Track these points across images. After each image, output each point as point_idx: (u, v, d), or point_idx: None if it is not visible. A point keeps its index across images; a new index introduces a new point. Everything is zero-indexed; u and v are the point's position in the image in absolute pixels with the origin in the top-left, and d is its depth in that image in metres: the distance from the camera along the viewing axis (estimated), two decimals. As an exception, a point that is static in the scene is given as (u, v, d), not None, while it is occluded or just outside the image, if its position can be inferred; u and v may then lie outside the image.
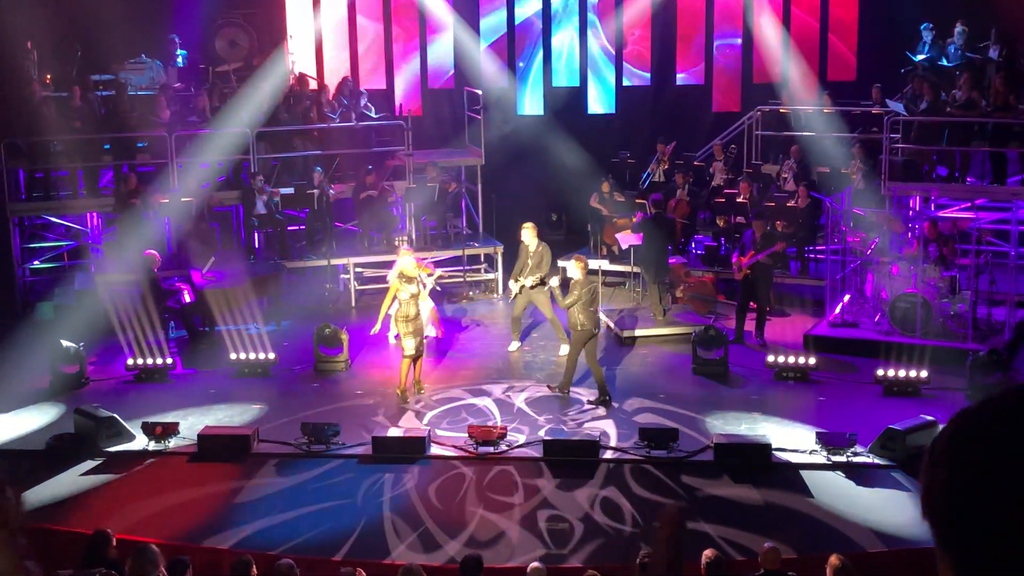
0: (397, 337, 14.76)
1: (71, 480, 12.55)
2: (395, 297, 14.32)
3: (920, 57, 19.22)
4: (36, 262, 18.90)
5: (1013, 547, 1.28)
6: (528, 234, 15.92)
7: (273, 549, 10.66)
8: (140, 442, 13.31)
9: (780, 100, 21.14)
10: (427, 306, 15.66)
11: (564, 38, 23.61)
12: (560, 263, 16.88)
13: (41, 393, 14.93)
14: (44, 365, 15.23)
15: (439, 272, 17.07)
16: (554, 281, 14.85)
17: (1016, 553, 1.28)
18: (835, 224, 17.06)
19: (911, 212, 17.82)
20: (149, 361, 15.43)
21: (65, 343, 15.26)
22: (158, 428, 13.28)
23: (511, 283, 16.15)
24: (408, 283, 14.33)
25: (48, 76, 19.48)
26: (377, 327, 14.66)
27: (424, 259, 16.88)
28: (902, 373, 14.45)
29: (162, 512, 11.82)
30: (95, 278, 17.68)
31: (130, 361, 15.47)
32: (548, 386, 14.79)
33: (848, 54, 23.12)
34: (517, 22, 23.42)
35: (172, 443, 13.27)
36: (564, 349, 15.59)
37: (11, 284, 17.86)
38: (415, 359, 14.51)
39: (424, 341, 14.76)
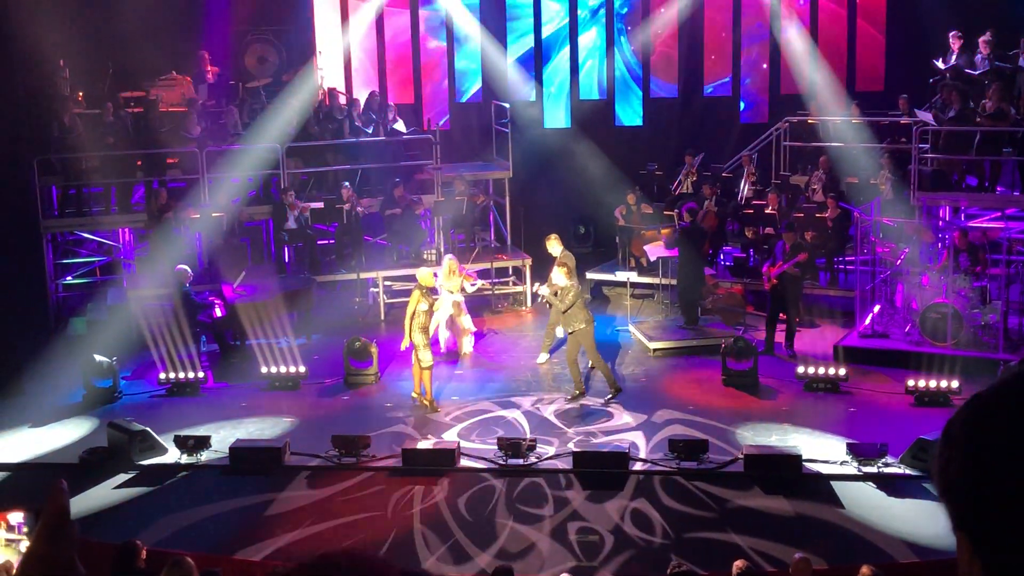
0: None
1: (104, 493, 12.65)
2: (414, 310, 14.45)
3: (947, 65, 19.13)
4: (69, 277, 19.07)
5: None
6: (553, 244, 16.12)
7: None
8: (173, 455, 13.42)
9: (808, 111, 21.10)
10: (443, 315, 15.87)
11: (591, 51, 23.64)
12: (590, 275, 17.00)
13: (74, 407, 15.07)
14: (77, 379, 15.36)
15: (481, 283, 17.33)
16: (543, 290, 15.01)
17: None
18: (864, 235, 17.01)
19: (941, 222, 17.74)
20: (181, 375, 15.55)
21: (98, 357, 15.39)
22: (190, 441, 13.37)
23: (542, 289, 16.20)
24: (426, 295, 14.47)
25: (80, 94, 19.69)
26: (406, 342, 14.72)
27: (465, 268, 17.08)
28: (933, 383, 14.37)
29: (194, 524, 11.91)
30: (127, 293, 17.83)
31: (162, 375, 15.59)
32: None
33: (876, 64, 23.06)
34: (544, 36, 23.47)
35: (204, 456, 13.36)
36: (591, 362, 15.62)
37: (44, 299, 18.02)
38: (431, 369, 14.63)
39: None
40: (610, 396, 14.84)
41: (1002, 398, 1.38)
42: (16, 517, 3.80)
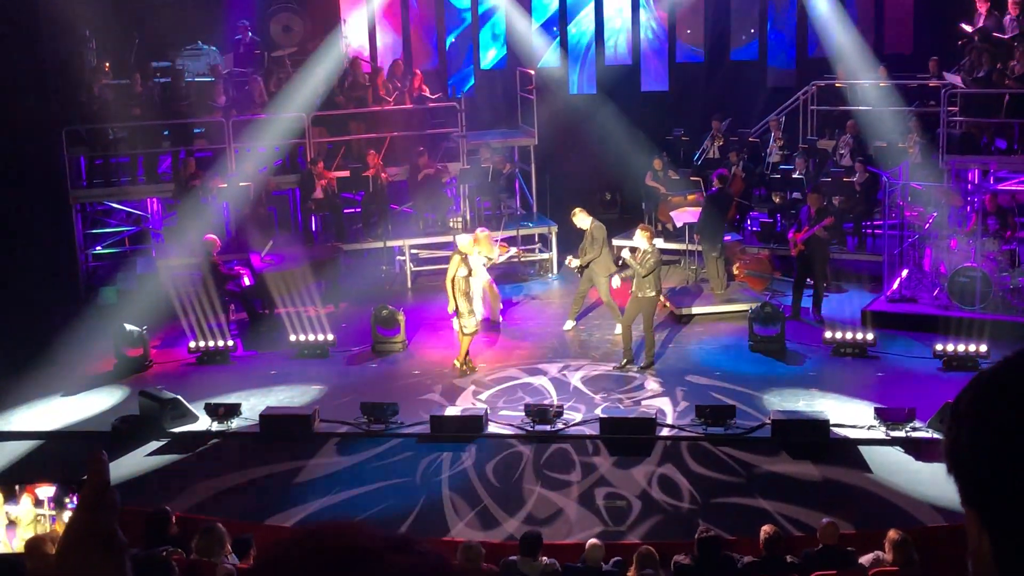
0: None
1: (136, 461, 12.80)
2: (454, 275, 14.49)
3: (975, 28, 18.93)
4: (98, 247, 19.19)
5: None
6: (580, 218, 15.93)
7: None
8: (203, 423, 13.55)
9: (836, 74, 20.93)
10: (480, 281, 15.75)
11: (616, 16, 23.50)
12: (616, 241, 17.02)
13: (106, 376, 15.21)
14: (108, 349, 15.50)
15: (514, 251, 17.31)
16: (626, 253, 14.90)
17: None
18: (892, 199, 16.92)
19: (969, 185, 17.62)
20: (211, 343, 15.66)
21: (128, 327, 15.52)
22: (221, 409, 13.50)
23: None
24: (465, 260, 14.50)
25: (107, 64, 19.75)
26: (452, 305, 14.61)
27: (498, 238, 16.96)
28: (961, 348, 14.33)
29: (225, 491, 12.05)
30: (156, 263, 17.95)
31: (192, 344, 15.70)
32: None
33: (904, 27, 22.84)
34: (569, 1, 23.35)
35: (235, 424, 13.49)
36: (618, 329, 15.63)
37: (74, 270, 18.15)
38: (474, 335, 14.68)
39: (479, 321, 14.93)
40: (643, 366, 14.85)
41: (1009, 376, 1.40)
42: (46, 491, 3.82)
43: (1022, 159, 16.94)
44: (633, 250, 14.63)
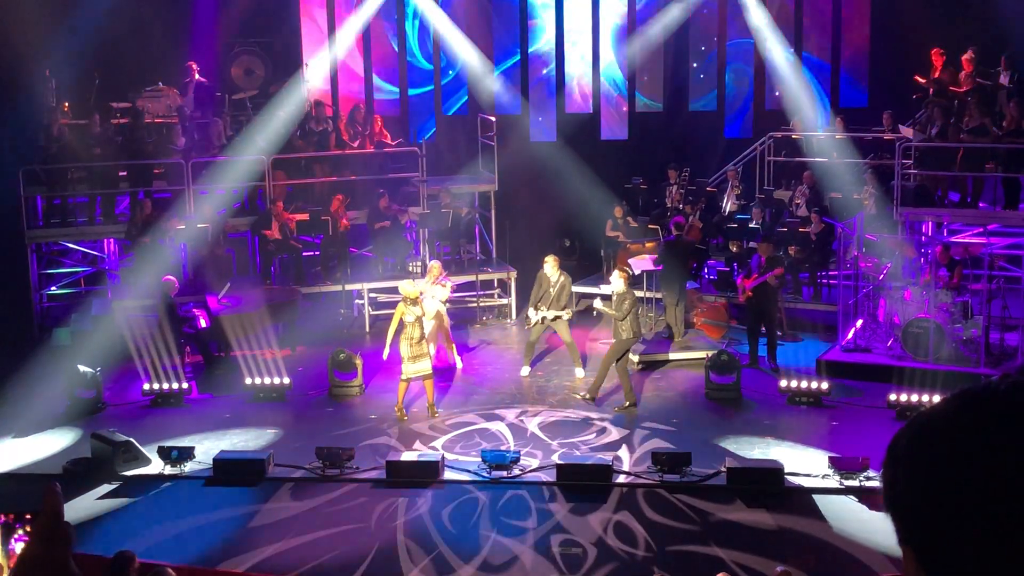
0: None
1: (88, 504, 12.62)
2: (400, 320, 14.48)
3: (929, 82, 19.26)
4: (53, 288, 19.05)
5: (972, 539, 1.35)
6: (551, 266, 15.96)
7: (288, 573, 10.73)
8: (156, 466, 13.40)
9: (792, 126, 21.21)
10: (428, 326, 15.66)
11: (577, 65, 23.74)
12: (576, 288, 17.04)
13: (58, 418, 15.03)
14: (61, 390, 15.34)
15: (450, 285, 16.91)
16: (598, 303, 15.09)
17: (975, 545, 1.35)
18: (847, 249, 17.11)
19: (923, 237, 17.86)
20: (165, 386, 15.54)
21: (82, 368, 15.38)
22: (174, 452, 13.37)
23: (531, 312, 16.01)
24: (412, 305, 14.46)
25: (66, 104, 19.69)
26: (386, 352, 14.77)
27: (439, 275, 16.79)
28: (915, 398, 14.45)
29: (178, 536, 11.89)
30: (112, 304, 17.82)
31: (146, 386, 15.57)
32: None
33: (860, 80, 23.22)
34: (531, 50, 23.57)
35: (188, 467, 13.35)
36: (579, 372, 15.80)
37: (28, 310, 18.00)
38: (425, 379, 14.63)
39: (430, 369, 14.80)
40: (586, 397, 14.98)
41: (945, 417, 1.43)
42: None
43: (975, 212, 17.21)
44: (605, 298, 14.72)
